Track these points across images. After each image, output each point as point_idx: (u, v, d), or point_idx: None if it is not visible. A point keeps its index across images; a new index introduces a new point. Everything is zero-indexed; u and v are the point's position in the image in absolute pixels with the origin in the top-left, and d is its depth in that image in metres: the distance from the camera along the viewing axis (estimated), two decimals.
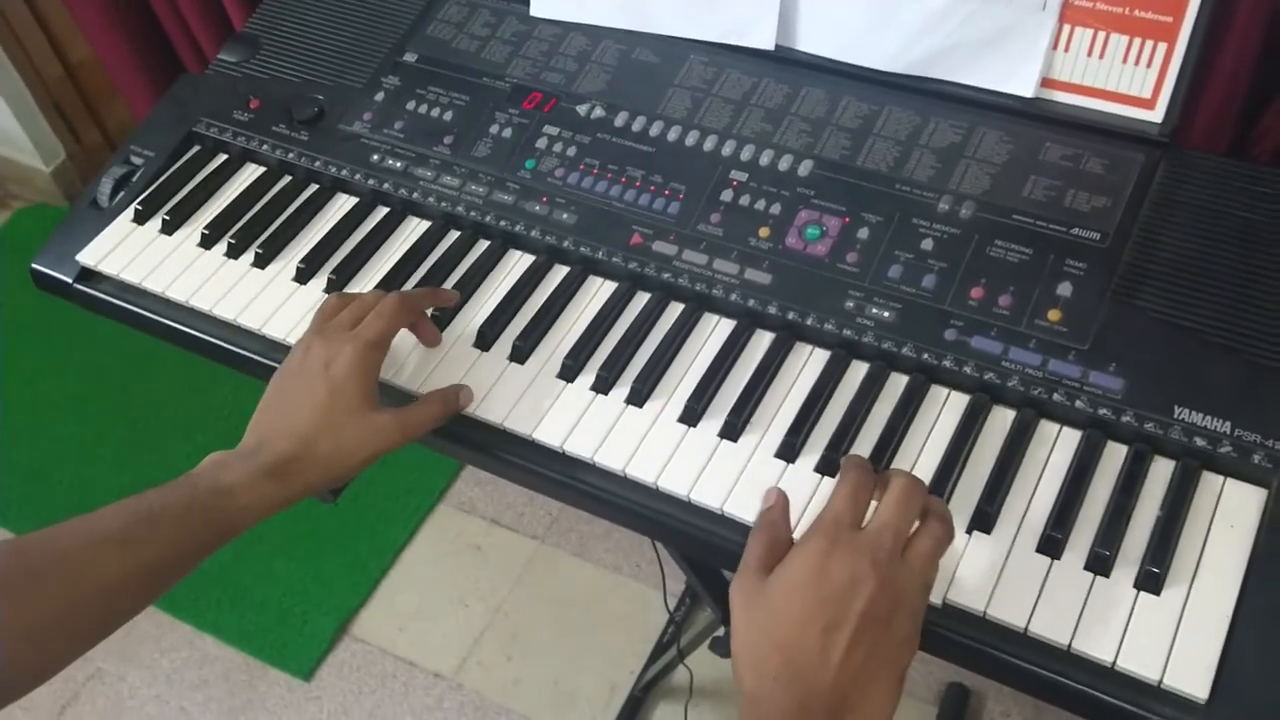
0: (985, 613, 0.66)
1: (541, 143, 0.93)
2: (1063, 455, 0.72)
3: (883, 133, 0.87)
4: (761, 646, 0.62)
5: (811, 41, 0.92)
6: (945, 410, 0.76)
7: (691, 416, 0.77)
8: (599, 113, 0.93)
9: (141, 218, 0.96)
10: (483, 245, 0.90)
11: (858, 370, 0.78)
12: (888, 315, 0.79)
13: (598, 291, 0.86)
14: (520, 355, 0.82)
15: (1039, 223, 0.80)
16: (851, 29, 0.90)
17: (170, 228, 0.95)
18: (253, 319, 0.88)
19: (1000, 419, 0.75)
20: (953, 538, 0.65)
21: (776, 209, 0.85)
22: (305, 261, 0.90)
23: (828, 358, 0.79)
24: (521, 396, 0.80)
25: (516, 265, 0.89)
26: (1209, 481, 0.70)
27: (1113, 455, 0.72)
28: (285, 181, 0.97)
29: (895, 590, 0.61)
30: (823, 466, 0.74)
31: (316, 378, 0.74)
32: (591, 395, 0.80)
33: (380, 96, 0.99)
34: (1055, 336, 0.75)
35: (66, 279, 0.95)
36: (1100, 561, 0.67)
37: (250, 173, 0.99)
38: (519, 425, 0.79)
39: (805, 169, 0.87)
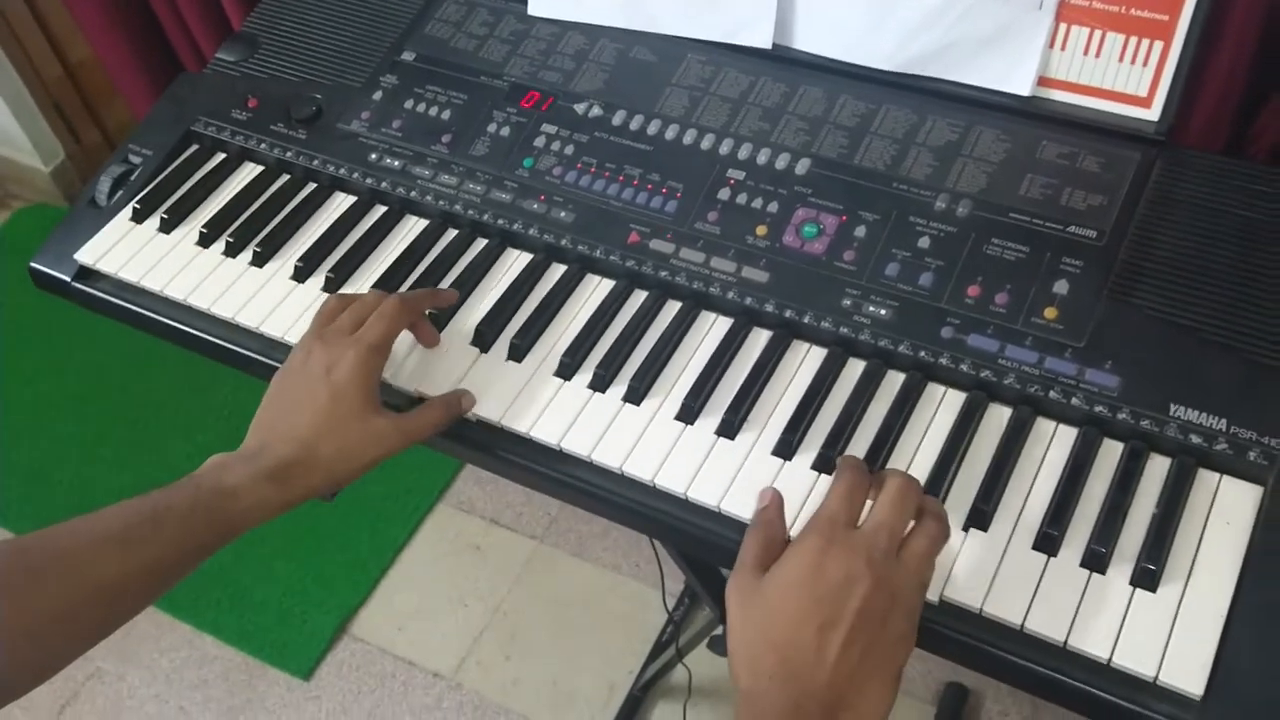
0: (982, 609, 0.66)
1: (539, 141, 0.93)
2: (1059, 453, 0.73)
3: (880, 131, 0.87)
4: (757, 645, 0.62)
5: (809, 40, 0.92)
6: (942, 408, 0.76)
7: (689, 414, 0.78)
8: (597, 111, 0.93)
9: (140, 216, 0.96)
10: (480, 244, 0.90)
11: (854, 368, 0.79)
12: (884, 313, 0.79)
13: (595, 290, 0.86)
14: (518, 353, 0.83)
15: (1035, 221, 0.80)
16: (849, 28, 0.90)
17: (168, 226, 0.95)
18: (250, 317, 0.88)
19: (996, 416, 0.75)
20: (948, 536, 0.65)
21: (774, 207, 0.85)
22: (303, 260, 0.90)
23: (825, 355, 0.79)
24: (519, 394, 0.80)
25: (514, 264, 0.89)
26: (1205, 479, 0.70)
27: (1109, 453, 0.72)
28: (283, 180, 0.97)
29: (891, 588, 0.61)
30: (820, 464, 0.74)
31: (319, 382, 0.75)
32: (589, 393, 0.80)
33: (378, 95, 0.99)
34: (1051, 334, 0.75)
35: (65, 278, 0.95)
36: (1096, 558, 0.67)
37: (248, 171, 0.99)
38: (516, 423, 0.79)
39: (802, 167, 0.87)
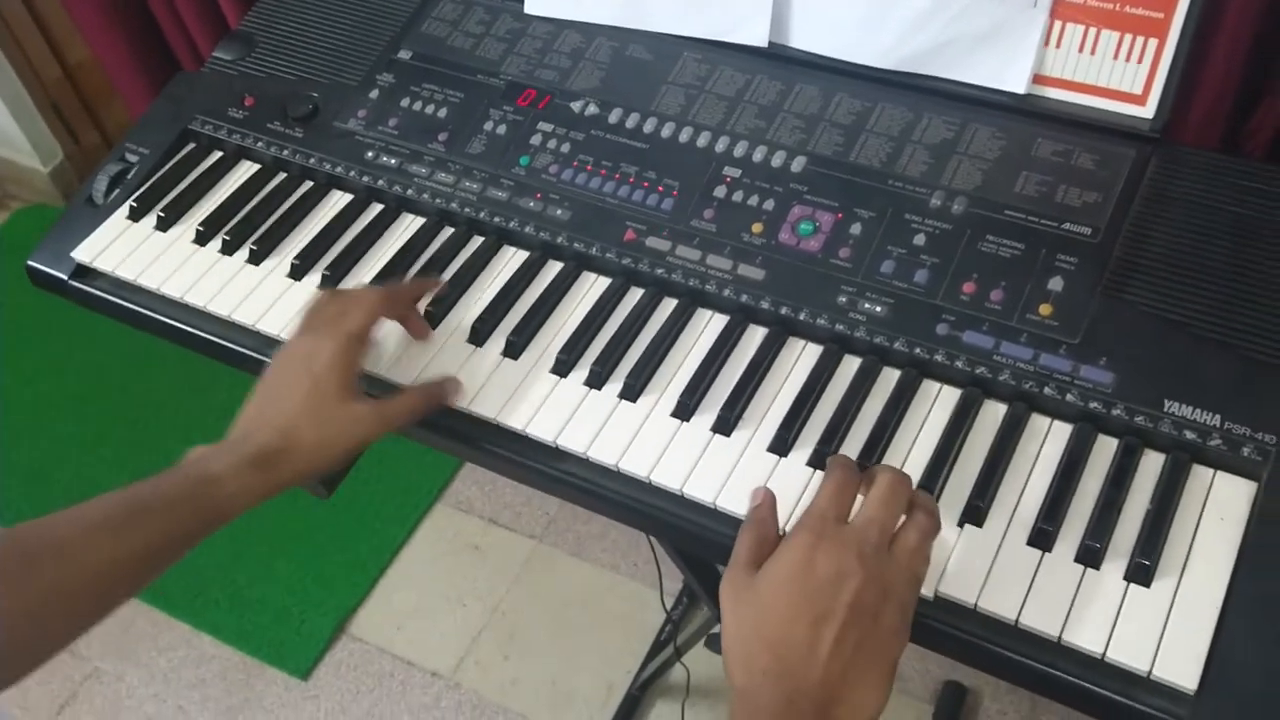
0: (976, 605, 0.66)
1: (536, 139, 0.93)
2: (1054, 449, 0.73)
3: (875, 129, 0.88)
4: (751, 642, 0.62)
5: (805, 39, 0.92)
6: (937, 404, 0.76)
7: (685, 411, 0.78)
8: (593, 110, 0.94)
9: (136, 214, 0.96)
10: (477, 241, 0.90)
11: (850, 365, 0.79)
12: (880, 310, 0.79)
13: (591, 287, 0.86)
14: (514, 351, 0.83)
15: (1030, 218, 0.81)
16: (844, 26, 0.90)
17: (165, 224, 0.95)
18: (247, 315, 0.88)
19: (992, 413, 0.75)
20: (939, 530, 0.65)
21: (770, 205, 0.85)
22: (300, 258, 0.90)
23: (820, 353, 0.79)
24: (515, 391, 0.80)
25: (510, 261, 0.89)
26: (1199, 474, 0.70)
27: (1103, 449, 0.72)
28: (280, 178, 0.97)
29: (882, 583, 0.61)
30: (815, 461, 0.74)
31: (300, 371, 0.76)
32: (585, 390, 0.80)
33: (375, 94, 0.99)
34: (1046, 331, 0.75)
35: (62, 276, 0.95)
36: (1091, 554, 0.67)
37: (245, 170, 0.99)
38: (513, 420, 0.79)
39: (798, 165, 0.87)
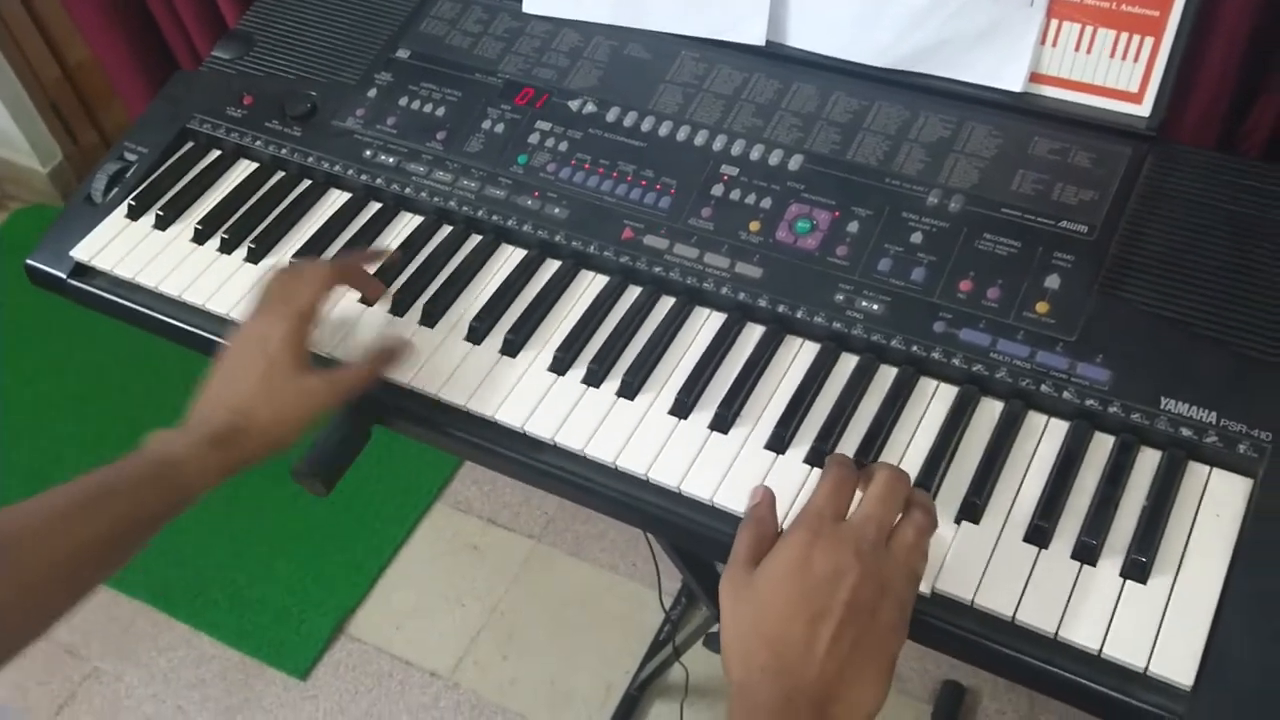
0: (973, 601, 0.66)
1: (534, 138, 0.93)
2: (1050, 446, 0.73)
3: (872, 127, 0.88)
4: (749, 639, 0.63)
5: (802, 37, 0.92)
6: (934, 402, 0.76)
7: (682, 409, 0.78)
8: (591, 108, 0.94)
9: (135, 213, 0.96)
10: (475, 240, 0.90)
11: (847, 362, 0.79)
12: (877, 308, 0.79)
13: (589, 285, 0.86)
14: (512, 349, 0.83)
15: (1027, 216, 0.81)
16: (842, 25, 0.91)
17: (164, 223, 0.95)
18: (245, 313, 0.88)
19: (988, 410, 0.75)
20: (935, 526, 0.66)
21: (767, 203, 0.85)
22: (298, 256, 0.91)
23: (817, 350, 0.80)
24: (513, 390, 0.80)
25: (508, 259, 0.89)
26: (1195, 471, 0.70)
27: (1100, 446, 0.72)
28: (278, 177, 0.97)
29: (879, 580, 0.62)
30: (812, 458, 0.74)
31: (254, 353, 0.78)
32: (583, 388, 0.80)
33: (373, 93, 0.99)
34: (1043, 328, 0.76)
35: (61, 274, 0.95)
36: (1087, 550, 0.67)
37: (243, 168, 0.99)
38: (510, 418, 0.79)
39: (796, 163, 0.87)
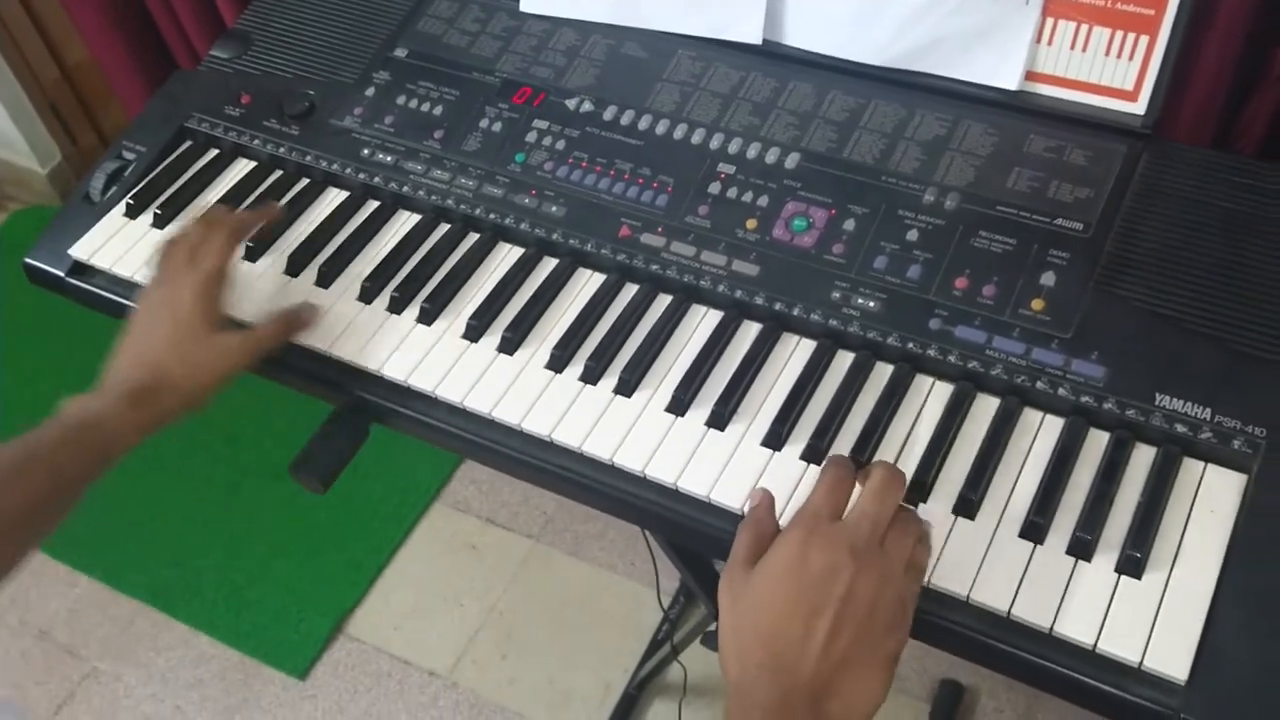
0: (969, 597, 0.67)
1: (531, 137, 0.93)
2: (1046, 442, 0.73)
3: (869, 126, 0.88)
4: (746, 637, 0.63)
5: (798, 36, 0.93)
6: (930, 399, 0.76)
7: (679, 406, 0.78)
8: (588, 107, 0.94)
9: (133, 212, 0.96)
10: (472, 238, 0.91)
11: (843, 360, 0.79)
12: (873, 305, 0.79)
13: (586, 283, 0.86)
14: (509, 346, 0.83)
15: (1023, 213, 0.81)
16: (838, 24, 0.91)
17: (162, 222, 0.95)
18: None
19: (984, 407, 0.75)
20: (923, 532, 0.67)
21: (764, 201, 0.86)
22: (296, 255, 0.91)
23: (814, 348, 0.80)
24: (510, 387, 0.81)
25: (506, 258, 0.89)
26: (1190, 467, 0.70)
27: (1095, 442, 0.72)
28: (276, 176, 0.98)
29: (876, 577, 0.62)
30: (808, 455, 0.75)
31: (164, 315, 0.80)
32: (580, 385, 0.80)
33: (371, 91, 0.99)
34: (1038, 325, 0.76)
35: (60, 273, 0.96)
36: (1082, 546, 0.67)
37: (241, 167, 0.99)
38: (507, 415, 0.79)
39: (792, 162, 0.87)
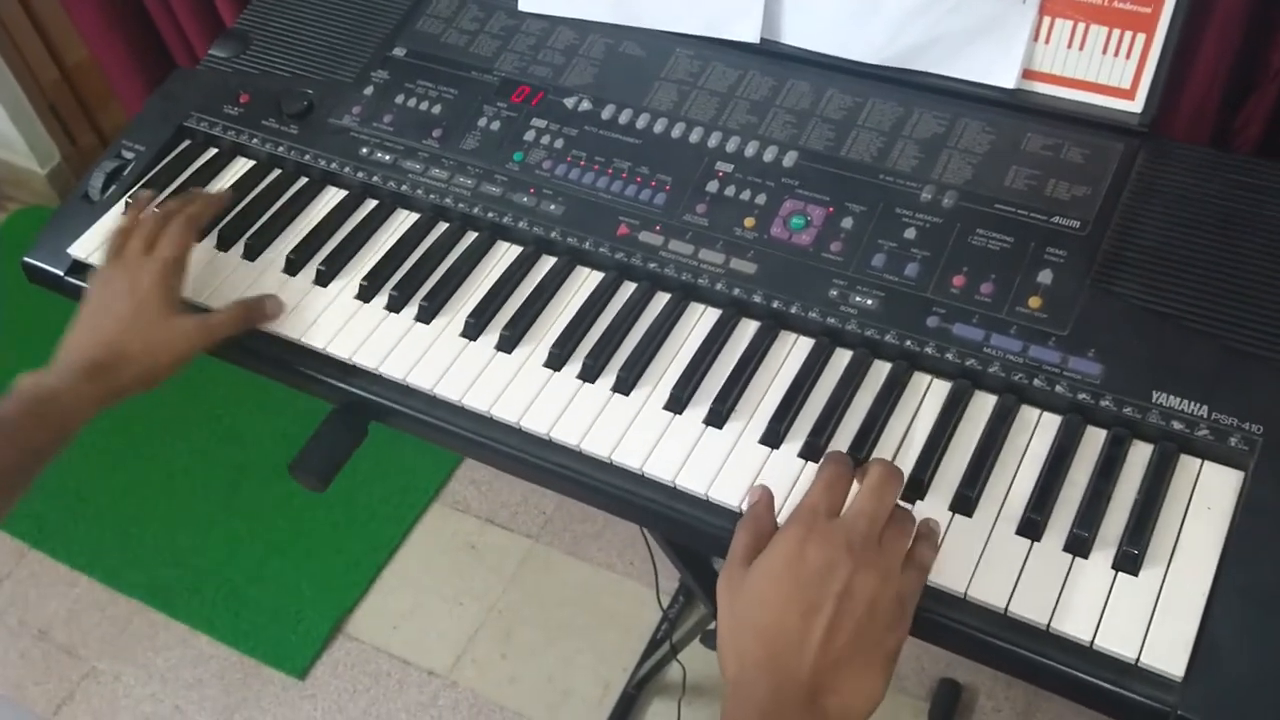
0: (966, 594, 0.67)
1: (529, 135, 0.93)
2: (1043, 440, 0.73)
3: (866, 124, 0.88)
4: (744, 634, 0.63)
5: (796, 35, 0.93)
6: (928, 396, 0.77)
7: (677, 404, 0.78)
8: (586, 106, 0.94)
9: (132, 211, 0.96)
10: (471, 236, 0.91)
11: (841, 358, 0.79)
12: (871, 303, 0.79)
13: (585, 282, 0.87)
14: (507, 345, 0.83)
15: (1020, 211, 0.81)
16: (835, 22, 0.91)
17: None
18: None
19: (982, 404, 0.75)
20: (928, 531, 0.67)
21: (762, 199, 0.86)
22: (295, 253, 0.91)
23: (812, 345, 0.80)
24: (508, 385, 0.81)
25: (504, 256, 0.89)
26: (1186, 464, 0.70)
27: (1092, 439, 0.72)
28: (275, 175, 0.98)
29: (874, 574, 0.62)
30: (806, 452, 0.75)
31: (121, 297, 0.82)
32: (578, 384, 0.80)
33: (369, 91, 0.99)
34: (1036, 323, 0.76)
35: (59, 272, 0.96)
36: (1079, 543, 0.67)
37: (240, 166, 1.00)
38: (506, 413, 0.79)
39: (790, 160, 0.87)
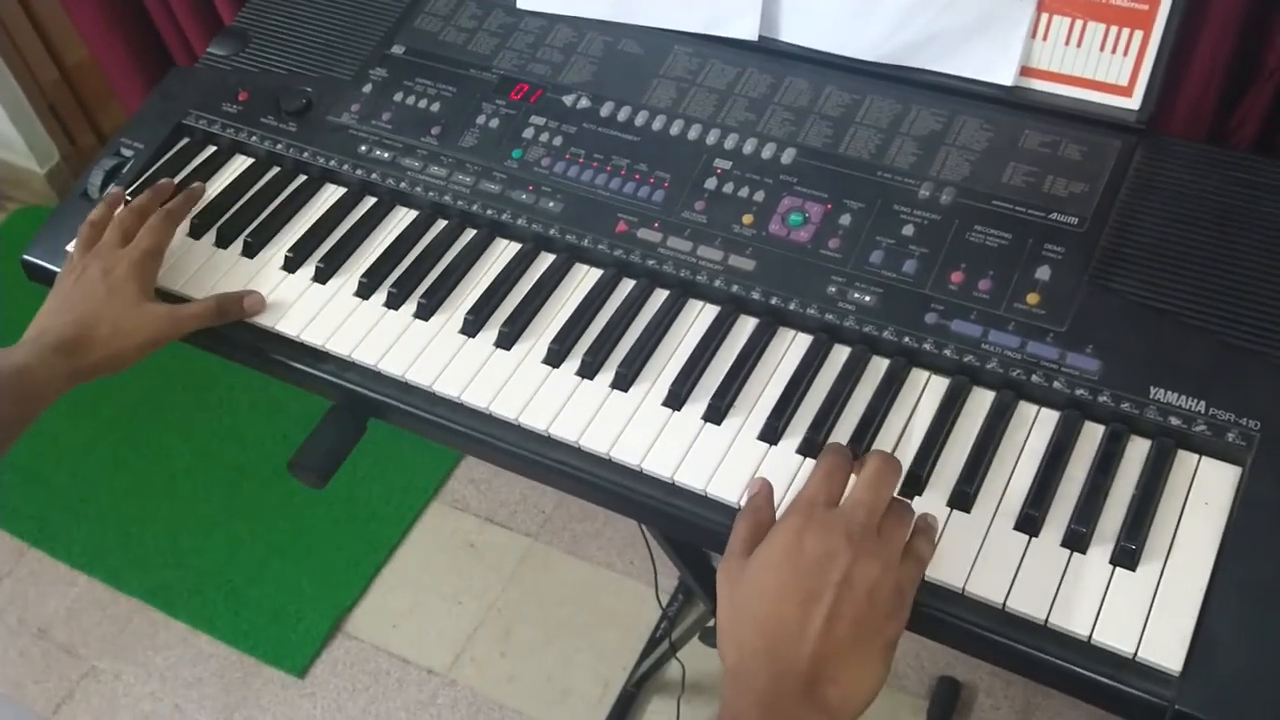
0: (964, 589, 0.67)
1: (528, 133, 0.93)
2: (1041, 435, 0.73)
3: (864, 121, 0.88)
4: (743, 624, 0.63)
5: (794, 32, 0.93)
6: (926, 392, 0.77)
7: (676, 400, 0.78)
8: (585, 103, 0.94)
9: None
10: (470, 234, 0.91)
11: (840, 354, 0.79)
12: (869, 300, 0.80)
13: (583, 278, 0.87)
14: (506, 341, 0.83)
15: (1018, 208, 0.81)
16: (834, 20, 0.91)
17: None
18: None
19: (980, 400, 0.75)
20: (926, 524, 0.67)
21: (760, 196, 0.86)
22: (294, 250, 0.91)
23: (810, 342, 0.80)
24: (507, 382, 0.81)
25: (503, 254, 0.89)
26: (1184, 460, 0.71)
27: (1090, 435, 0.72)
28: (274, 172, 0.98)
29: (873, 563, 0.62)
30: (805, 449, 0.75)
31: (96, 283, 0.84)
32: (577, 380, 0.81)
33: (368, 88, 0.99)
34: (1034, 319, 0.76)
35: (57, 270, 0.95)
36: (1077, 538, 0.68)
37: (239, 164, 1.00)
38: (504, 410, 0.79)
39: (788, 157, 0.88)
